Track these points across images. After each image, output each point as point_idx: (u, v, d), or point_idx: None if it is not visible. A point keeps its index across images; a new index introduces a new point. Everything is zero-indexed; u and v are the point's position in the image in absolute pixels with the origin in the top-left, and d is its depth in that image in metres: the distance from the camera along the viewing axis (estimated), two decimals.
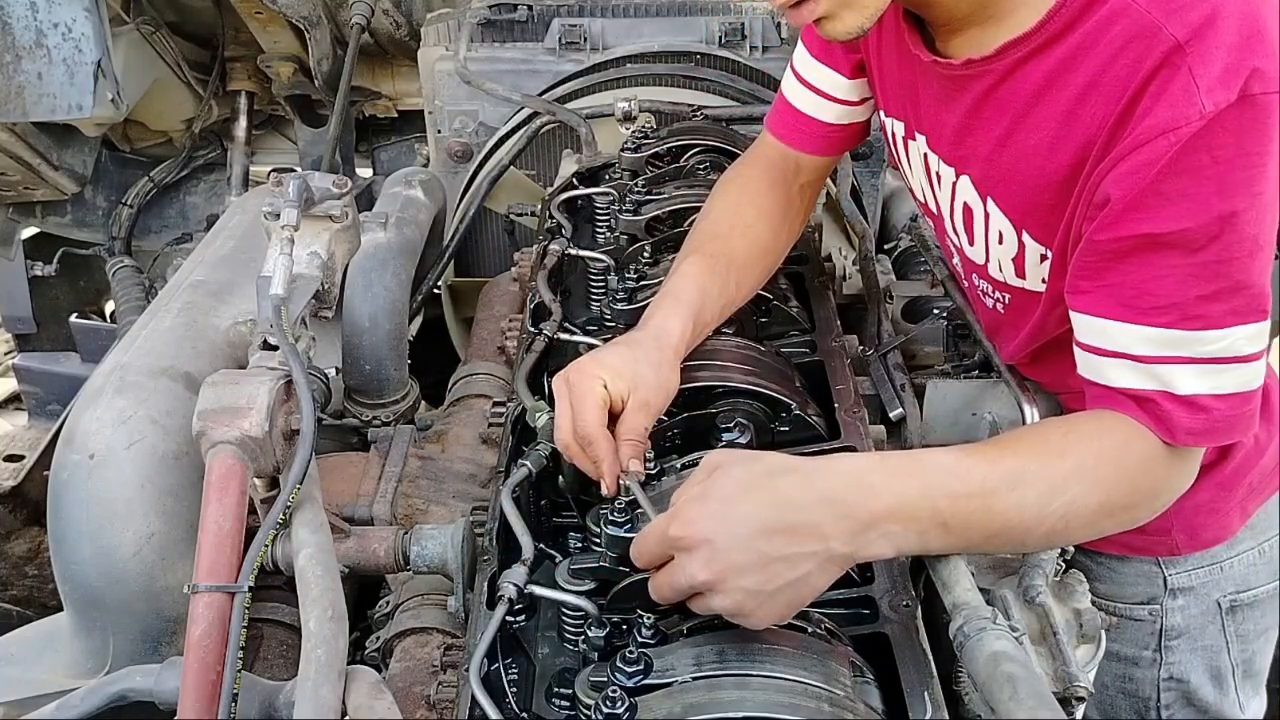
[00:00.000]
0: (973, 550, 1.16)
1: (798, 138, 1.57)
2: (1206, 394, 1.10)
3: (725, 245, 1.47)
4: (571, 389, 1.23)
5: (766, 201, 1.55)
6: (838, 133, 1.57)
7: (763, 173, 1.58)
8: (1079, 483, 1.09)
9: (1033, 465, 1.09)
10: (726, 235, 1.49)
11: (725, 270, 1.44)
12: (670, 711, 0.94)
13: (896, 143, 1.46)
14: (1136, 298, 1.11)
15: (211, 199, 3.60)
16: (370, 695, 1.04)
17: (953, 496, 1.06)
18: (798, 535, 1.00)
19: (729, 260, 1.45)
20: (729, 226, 1.50)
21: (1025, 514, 1.08)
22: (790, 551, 0.99)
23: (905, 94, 1.38)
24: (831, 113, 1.55)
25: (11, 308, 3.53)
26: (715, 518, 1.00)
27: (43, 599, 2.71)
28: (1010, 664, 1.01)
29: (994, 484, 1.07)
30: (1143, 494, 1.15)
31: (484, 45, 2.61)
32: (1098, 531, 1.15)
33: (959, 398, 1.59)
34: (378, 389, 1.90)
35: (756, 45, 2.56)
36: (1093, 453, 1.11)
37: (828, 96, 1.54)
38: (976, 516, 1.07)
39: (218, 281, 1.60)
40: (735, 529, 0.99)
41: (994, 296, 1.43)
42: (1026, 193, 1.23)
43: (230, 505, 1.15)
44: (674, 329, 1.33)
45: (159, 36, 3.11)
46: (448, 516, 1.54)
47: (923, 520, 1.05)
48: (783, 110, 1.59)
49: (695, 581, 0.99)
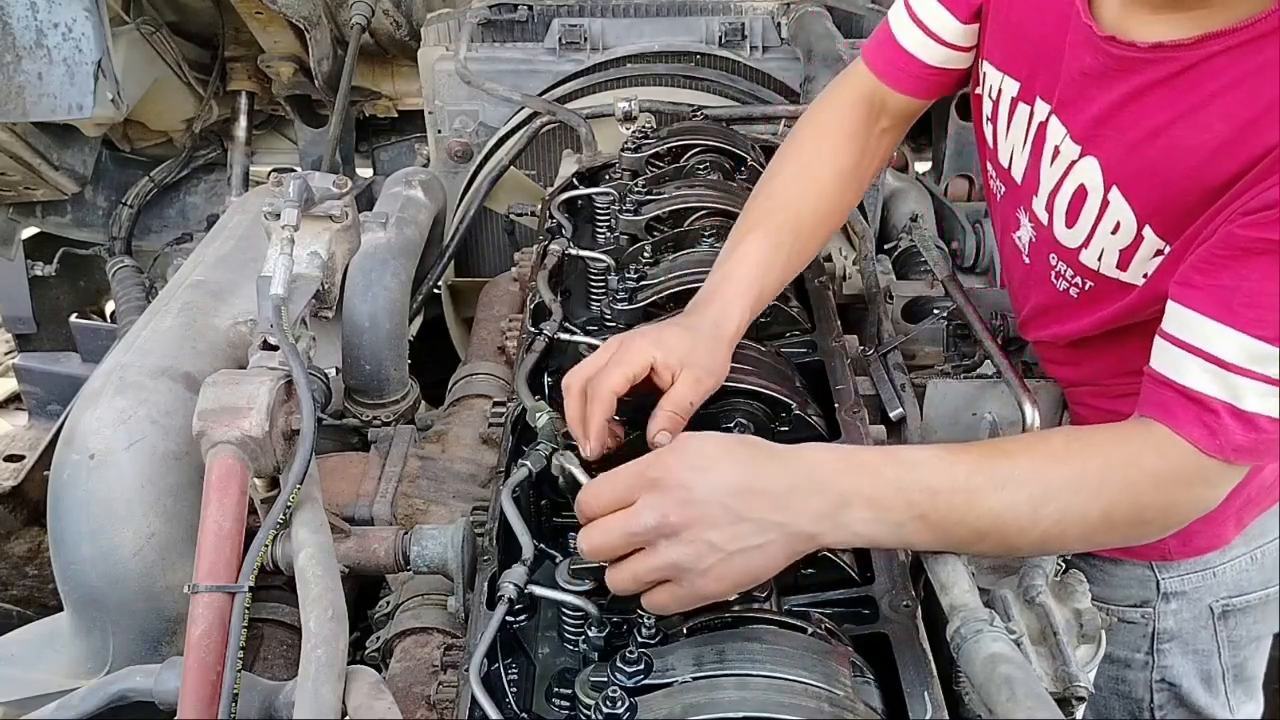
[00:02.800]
0: (965, 550, 1.15)
1: (894, 75, 1.51)
2: (1264, 414, 1.07)
3: (792, 215, 1.43)
4: (619, 348, 1.21)
5: (843, 156, 1.50)
6: (936, 76, 1.50)
7: (844, 117, 1.52)
8: (1077, 491, 1.07)
9: (1025, 468, 1.08)
10: (795, 202, 1.44)
11: (790, 244, 1.41)
12: (670, 711, 0.94)
13: (999, 100, 1.40)
14: (1245, 305, 1.07)
15: (211, 199, 3.60)
16: (370, 695, 1.03)
17: (931, 491, 1.05)
18: (770, 503, 1.01)
19: (794, 231, 1.42)
20: (799, 190, 1.46)
21: (1016, 516, 1.06)
22: (760, 517, 1.00)
23: (1038, 55, 1.30)
24: (936, 55, 1.48)
25: (11, 308, 3.53)
26: (694, 469, 1.00)
27: (43, 599, 2.71)
28: (1007, 665, 1.01)
29: (979, 482, 1.06)
30: (1154, 510, 1.12)
31: (484, 45, 2.61)
32: (1099, 543, 1.14)
33: (959, 398, 1.59)
34: (378, 389, 1.89)
35: (756, 45, 2.56)
36: (1098, 464, 1.09)
37: (935, 37, 1.46)
38: (960, 513, 1.06)
39: (218, 281, 1.60)
40: (713, 480, 1.00)
41: (1070, 281, 1.37)
42: (1168, 188, 1.17)
43: (230, 505, 1.15)
44: (733, 317, 1.31)
45: (159, 36, 3.11)
46: (448, 516, 1.54)
47: (896, 510, 1.04)
48: (885, 43, 1.51)
49: (664, 521, 0.98)
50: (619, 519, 1.01)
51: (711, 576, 1.00)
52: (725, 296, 1.32)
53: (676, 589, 1.02)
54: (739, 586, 1.04)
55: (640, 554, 1.01)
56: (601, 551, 1.04)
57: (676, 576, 1.01)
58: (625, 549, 1.02)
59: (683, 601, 1.03)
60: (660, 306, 1.56)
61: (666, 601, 1.03)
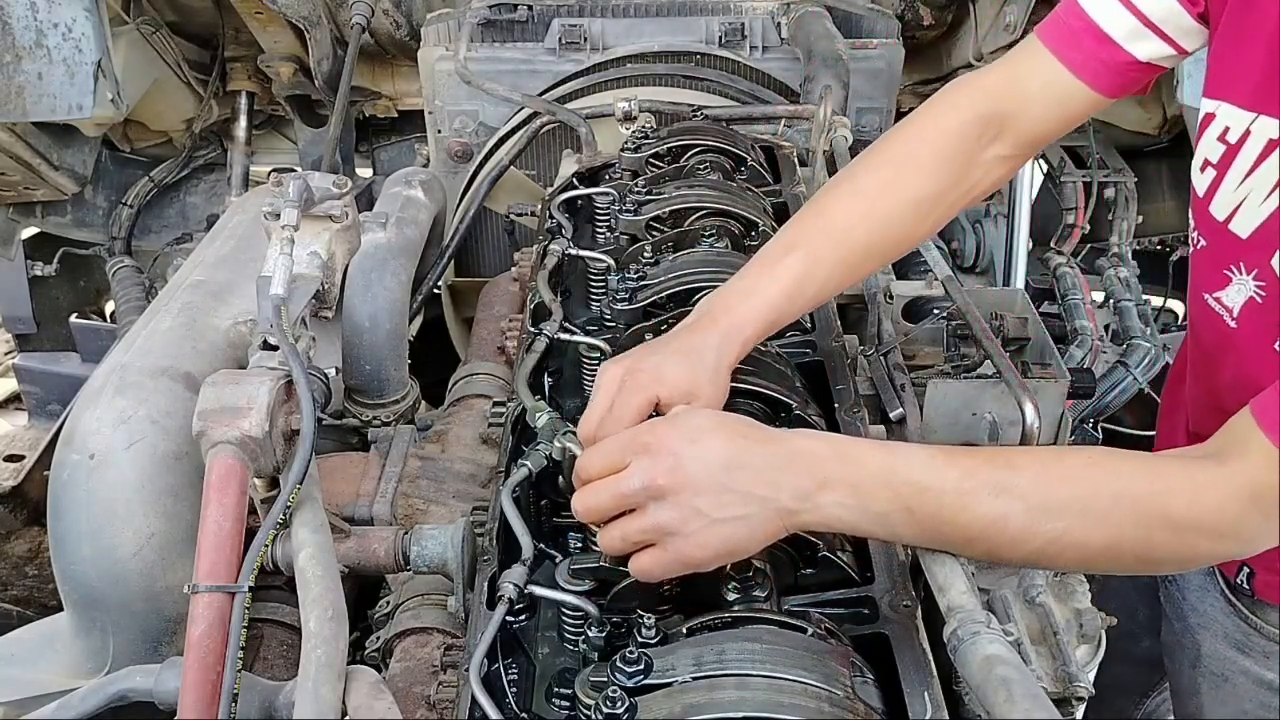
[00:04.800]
0: (957, 551, 1.13)
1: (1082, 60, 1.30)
2: None
3: (841, 241, 1.31)
4: (622, 387, 1.19)
5: (929, 181, 1.33)
6: (1135, 72, 1.31)
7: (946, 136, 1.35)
8: (1082, 515, 1.03)
9: (1028, 480, 1.04)
10: (849, 228, 1.31)
11: (827, 274, 1.31)
12: (670, 711, 0.94)
13: (1241, 144, 1.23)
14: None
15: (211, 199, 3.60)
16: (370, 695, 1.04)
17: (919, 486, 1.04)
18: (756, 478, 1.03)
19: (839, 262, 1.31)
20: (860, 216, 1.32)
21: (1009, 527, 1.03)
22: (745, 489, 1.02)
23: None
24: (1146, 48, 1.28)
25: (11, 308, 3.53)
26: (686, 440, 1.03)
27: (43, 599, 2.71)
28: (1004, 667, 1.01)
29: (970, 486, 1.03)
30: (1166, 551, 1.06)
31: (484, 45, 2.61)
32: (1102, 570, 1.10)
33: (959, 398, 1.59)
34: (378, 389, 1.90)
35: (756, 45, 2.57)
36: (1111, 491, 1.04)
37: (1152, 26, 1.27)
38: (949, 514, 1.04)
39: (218, 281, 1.60)
40: (704, 453, 1.02)
41: None
42: None
43: (230, 505, 1.15)
44: (740, 341, 1.25)
45: (159, 36, 3.11)
46: (448, 516, 1.54)
47: (879, 499, 1.04)
48: (1073, 21, 1.31)
49: (653, 484, 1.01)
50: (610, 481, 1.05)
51: (695, 542, 1.03)
52: (740, 317, 1.26)
53: (661, 553, 1.04)
54: (721, 557, 1.06)
55: (630, 515, 1.05)
56: (593, 512, 1.07)
57: (662, 540, 1.04)
58: (615, 510, 1.06)
59: (667, 566, 1.05)
60: (660, 306, 1.56)
61: (651, 565, 1.05)
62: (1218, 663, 1.55)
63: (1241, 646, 1.52)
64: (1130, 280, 3.19)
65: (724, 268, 1.55)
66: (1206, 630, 1.56)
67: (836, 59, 2.32)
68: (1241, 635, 1.51)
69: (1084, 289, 3.07)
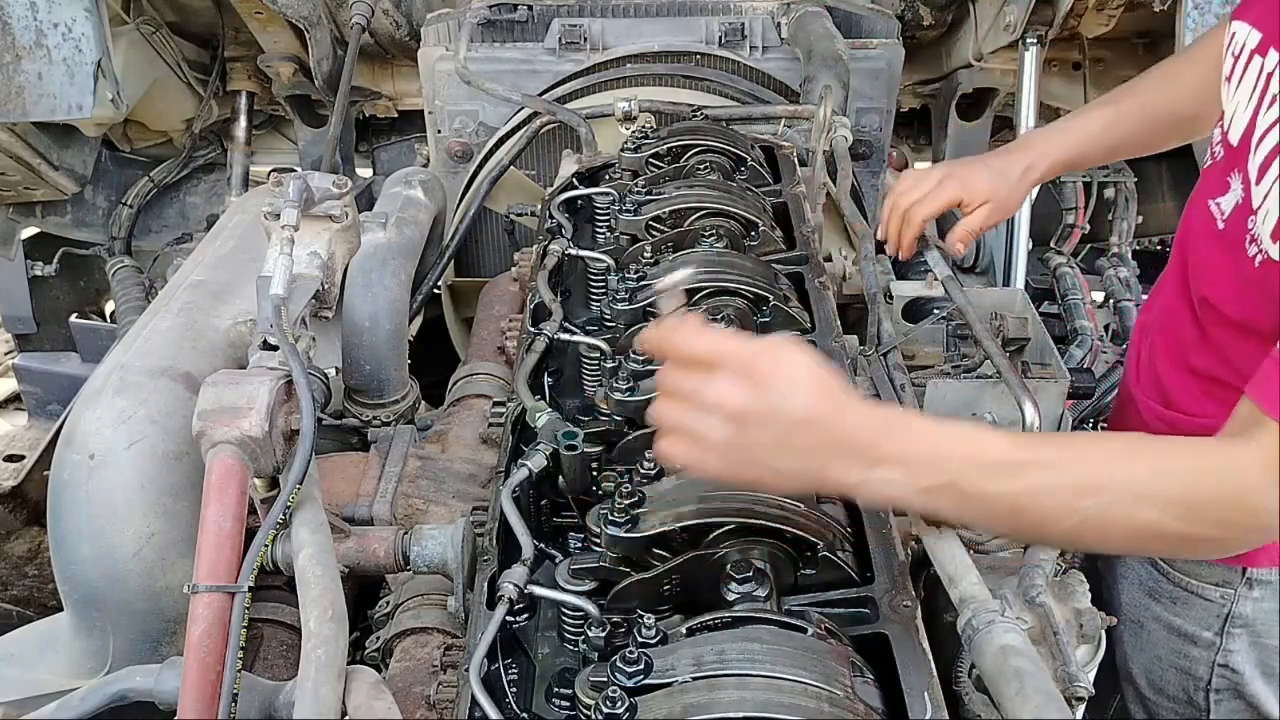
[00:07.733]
0: (993, 527, 1.13)
1: None
2: None
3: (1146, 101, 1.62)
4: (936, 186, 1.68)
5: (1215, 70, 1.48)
6: None
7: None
8: (1122, 491, 1.05)
9: (1072, 457, 1.07)
10: (1153, 91, 1.63)
11: (1130, 125, 1.61)
12: (670, 711, 0.94)
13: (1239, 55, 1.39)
14: None
15: (211, 199, 3.60)
16: (370, 695, 1.04)
17: (968, 458, 1.05)
18: (817, 446, 1.04)
19: (1140, 115, 1.62)
20: (1162, 82, 1.63)
21: (1053, 500, 1.05)
22: (801, 449, 1.04)
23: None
24: None
25: (11, 308, 3.53)
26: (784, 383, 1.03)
27: (43, 599, 2.71)
28: (1019, 659, 1.01)
29: (1020, 459, 1.05)
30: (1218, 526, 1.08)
31: (484, 45, 2.61)
32: (1144, 551, 1.12)
33: (959, 398, 1.59)
34: (378, 389, 1.90)
35: (756, 45, 2.57)
36: (1148, 470, 1.06)
37: None
38: (995, 485, 1.05)
39: (218, 281, 1.60)
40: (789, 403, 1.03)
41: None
42: None
43: (230, 505, 1.15)
44: (1052, 159, 1.62)
45: (159, 36, 3.11)
46: (448, 516, 1.54)
47: (924, 474, 1.04)
48: None
49: (727, 402, 1.02)
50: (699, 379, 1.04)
51: (728, 461, 1.04)
52: (1051, 145, 1.64)
53: (692, 449, 1.05)
54: (742, 485, 1.11)
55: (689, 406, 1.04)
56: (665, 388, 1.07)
57: (701, 442, 1.04)
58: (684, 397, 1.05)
59: (690, 462, 1.06)
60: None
61: (675, 454, 1.06)
62: (1135, 609, 1.64)
63: (1153, 593, 1.59)
64: (1130, 280, 3.19)
65: (724, 268, 1.56)
66: (1125, 579, 1.66)
67: (836, 59, 2.32)
68: (1153, 581, 1.59)
69: (1084, 289, 3.07)
